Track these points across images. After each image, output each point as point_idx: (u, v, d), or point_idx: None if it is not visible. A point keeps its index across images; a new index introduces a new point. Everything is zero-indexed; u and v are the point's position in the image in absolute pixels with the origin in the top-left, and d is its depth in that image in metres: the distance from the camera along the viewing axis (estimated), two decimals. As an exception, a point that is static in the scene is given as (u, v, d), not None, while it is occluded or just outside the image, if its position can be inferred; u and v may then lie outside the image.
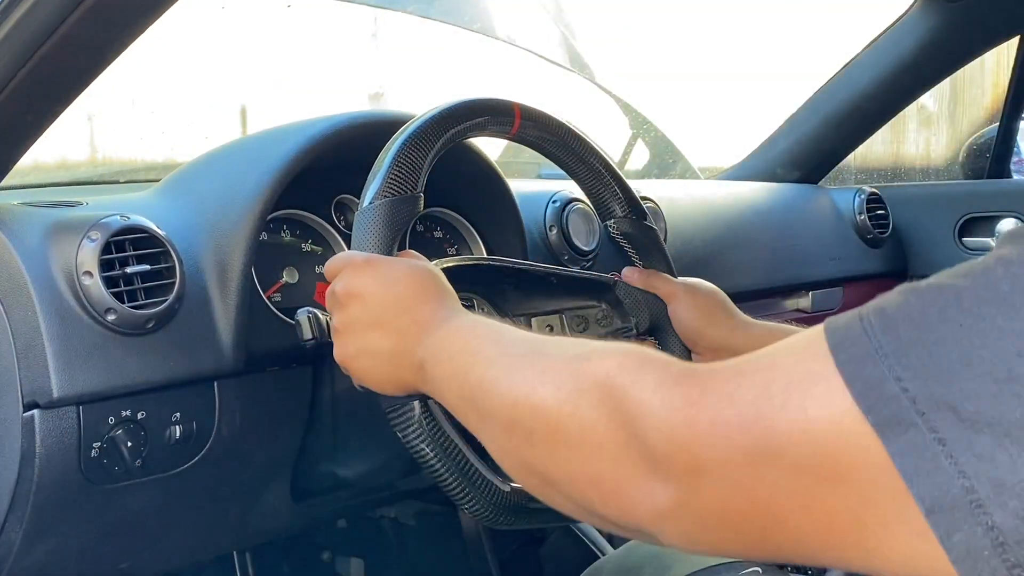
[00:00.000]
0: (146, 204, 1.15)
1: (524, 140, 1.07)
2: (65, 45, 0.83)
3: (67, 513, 1.01)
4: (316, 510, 1.29)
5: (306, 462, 1.21)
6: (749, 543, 0.49)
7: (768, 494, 0.46)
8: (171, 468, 1.05)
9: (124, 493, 1.03)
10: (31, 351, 0.96)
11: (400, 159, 0.92)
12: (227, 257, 1.08)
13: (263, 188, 1.10)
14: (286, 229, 1.23)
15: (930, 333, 0.41)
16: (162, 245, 1.02)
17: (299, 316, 0.96)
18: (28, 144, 0.98)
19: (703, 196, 1.98)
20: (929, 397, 0.40)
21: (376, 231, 0.89)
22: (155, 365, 1.01)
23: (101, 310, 0.97)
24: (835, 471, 0.43)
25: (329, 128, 1.17)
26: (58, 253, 0.98)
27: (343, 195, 1.27)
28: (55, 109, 0.94)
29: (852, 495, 0.43)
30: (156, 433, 1.02)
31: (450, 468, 0.87)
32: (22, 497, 0.98)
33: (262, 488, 1.19)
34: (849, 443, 0.42)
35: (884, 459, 0.41)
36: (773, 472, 0.45)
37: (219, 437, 1.07)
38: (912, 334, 0.42)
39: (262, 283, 1.15)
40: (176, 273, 1.02)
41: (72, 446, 0.97)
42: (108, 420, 0.98)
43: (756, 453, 0.45)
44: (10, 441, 0.97)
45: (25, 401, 0.96)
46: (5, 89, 0.87)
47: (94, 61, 0.89)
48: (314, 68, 2.49)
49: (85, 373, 0.96)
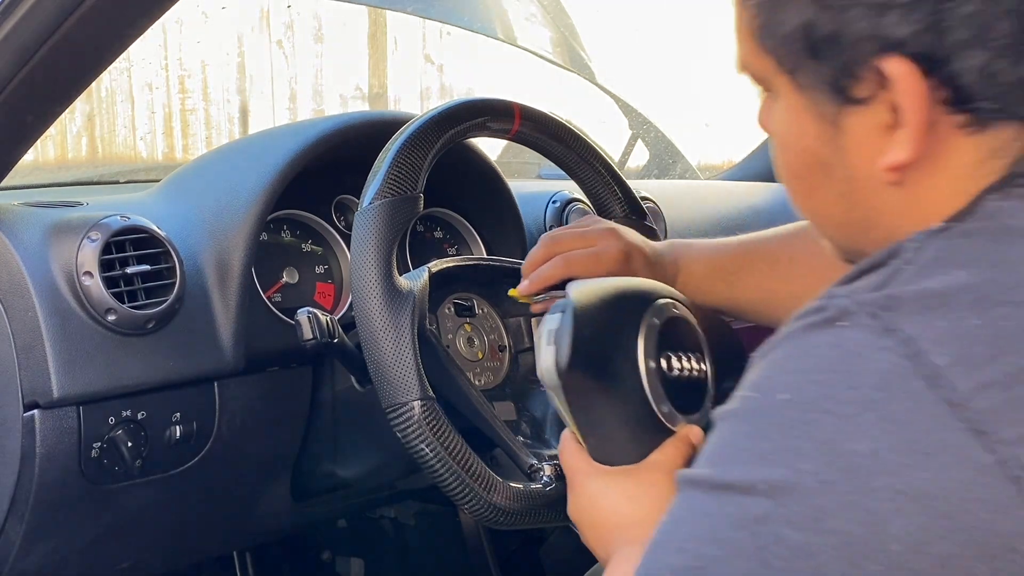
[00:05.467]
0: (146, 204, 1.15)
1: (524, 140, 1.07)
2: (65, 45, 0.83)
3: (67, 513, 1.01)
4: (316, 510, 1.29)
5: (306, 462, 1.21)
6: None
7: None
8: (171, 468, 1.05)
9: (124, 493, 1.03)
10: (31, 351, 0.96)
11: (400, 159, 0.92)
12: (227, 257, 1.08)
13: (263, 188, 1.10)
14: (286, 229, 1.23)
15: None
16: (162, 245, 1.02)
17: (299, 316, 0.96)
18: (28, 144, 0.98)
19: (703, 196, 1.98)
20: None
21: (376, 231, 0.90)
22: (155, 365, 1.01)
23: (101, 310, 0.97)
24: None
25: (329, 128, 1.17)
26: (58, 253, 0.98)
27: (343, 195, 1.27)
28: (55, 109, 0.94)
29: None
30: (156, 433, 1.02)
31: (450, 468, 0.87)
32: (22, 497, 0.98)
33: (262, 488, 1.19)
34: None
35: None
36: None
37: (219, 437, 1.07)
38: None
39: (262, 283, 1.15)
40: (176, 273, 1.02)
41: (72, 446, 0.97)
42: (108, 420, 0.98)
43: None
44: (10, 441, 0.97)
45: (25, 401, 0.96)
46: (5, 89, 0.87)
47: (94, 61, 0.89)
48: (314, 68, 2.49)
49: (85, 373, 0.96)
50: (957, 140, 0.49)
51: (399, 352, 0.88)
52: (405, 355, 0.88)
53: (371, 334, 0.89)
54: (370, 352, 0.89)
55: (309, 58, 2.45)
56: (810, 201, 0.58)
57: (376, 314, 0.89)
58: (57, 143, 1.87)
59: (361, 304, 0.90)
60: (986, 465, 0.39)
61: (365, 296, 0.89)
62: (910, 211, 0.50)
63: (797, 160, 0.57)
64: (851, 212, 0.55)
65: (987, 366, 0.40)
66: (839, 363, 0.42)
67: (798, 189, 0.59)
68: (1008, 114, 0.48)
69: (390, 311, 0.89)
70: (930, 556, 0.39)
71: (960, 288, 0.42)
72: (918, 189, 0.50)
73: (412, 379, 0.88)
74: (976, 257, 0.43)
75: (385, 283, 0.89)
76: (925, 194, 0.50)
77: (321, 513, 1.33)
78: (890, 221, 0.52)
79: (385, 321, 0.89)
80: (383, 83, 2.61)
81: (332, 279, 1.25)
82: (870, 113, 0.50)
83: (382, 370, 0.89)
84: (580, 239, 0.97)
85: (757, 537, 0.41)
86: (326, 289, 1.24)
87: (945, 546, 0.39)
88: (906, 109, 0.48)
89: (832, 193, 0.55)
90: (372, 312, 0.89)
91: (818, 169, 0.55)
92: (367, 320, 0.89)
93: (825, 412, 0.42)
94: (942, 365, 0.40)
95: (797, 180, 0.58)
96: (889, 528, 0.39)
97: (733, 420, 0.46)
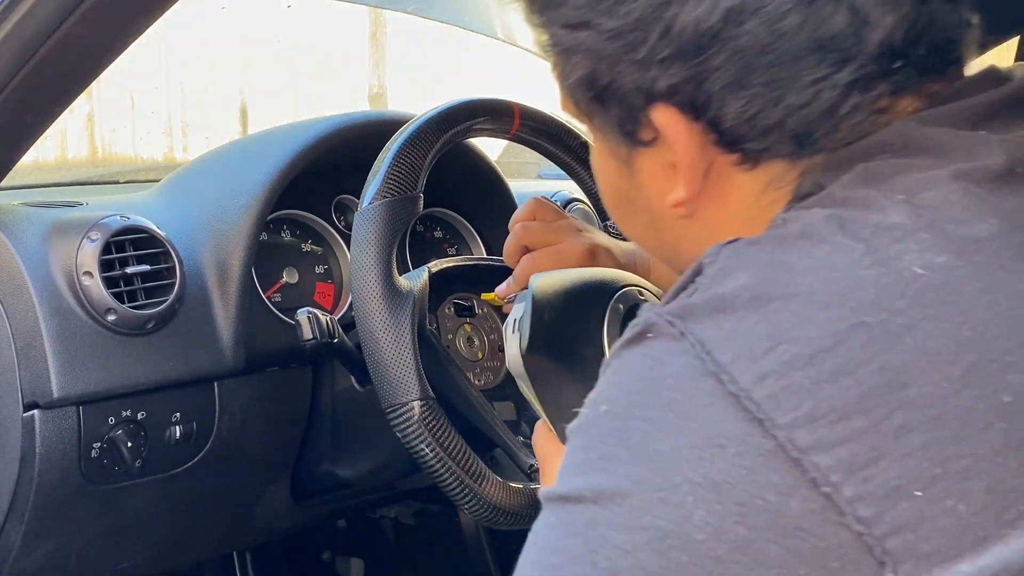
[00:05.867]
0: (146, 204, 1.15)
1: (524, 140, 1.07)
2: (65, 45, 0.83)
3: (67, 513, 1.01)
4: (316, 510, 1.29)
5: (306, 462, 1.21)
6: None
7: None
8: (171, 468, 1.05)
9: (124, 493, 1.03)
10: (31, 351, 0.96)
11: (400, 159, 0.92)
12: (227, 257, 1.08)
13: (263, 188, 1.10)
14: (286, 229, 1.23)
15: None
16: (162, 245, 1.02)
17: (299, 316, 0.96)
18: (28, 144, 0.98)
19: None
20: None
21: (376, 231, 0.90)
22: (155, 365, 1.01)
23: (101, 310, 0.97)
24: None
25: (329, 128, 1.17)
26: (58, 253, 0.98)
27: (343, 195, 1.27)
28: (55, 109, 0.94)
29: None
30: (156, 433, 1.02)
31: (449, 468, 0.87)
32: (22, 497, 0.98)
33: (262, 488, 1.19)
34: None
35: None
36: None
37: (219, 437, 1.07)
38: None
39: (262, 283, 1.15)
40: (176, 273, 1.02)
41: (72, 446, 0.97)
42: (108, 420, 0.98)
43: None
44: (10, 441, 0.97)
45: (25, 401, 0.96)
46: (5, 89, 0.87)
47: (94, 61, 0.89)
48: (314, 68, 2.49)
49: (85, 373, 0.96)
50: (735, 176, 0.54)
51: (399, 352, 0.88)
52: (405, 355, 0.88)
53: (371, 334, 0.89)
54: (370, 352, 0.90)
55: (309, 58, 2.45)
56: (628, 230, 0.64)
57: (376, 314, 0.89)
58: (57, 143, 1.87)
59: (361, 304, 0.90)
60: (769, 450, 0.42)
61: (365, 296, 0.89)
62: (706, 239, 0.53)
63: (608, 194, 0.62)
64: (659, 240, 0.61)
65: (764, 357, 0.43)
66: (646, 372, 0.46)
67: (616, 219, 0.64)
68: (773, 153, 0.52)
69: (390, 311, 0.89)
70: (728, 542, 0.42)
71: (740, 289, 0.45)
72: (708, 220, 0.56)
73: (412, 379, 0.88)
74: (756, 260, 0.46)
75: (385, 283, 0.89)
76: (715, 224, 0.56)
77: (321, 513, 1.33)
78: (692, 248, 0.56)
79: (385, 321, 0.89)
80: (383, 83, 2.61)
81: (332, 279, 1.25)
82: (656, 154, 0.55)
83: (382, 370, 0.89)
84: (546, 233, 0.99)
85: (588, 541, 0.45)
86: (326, 289, 1.24)
87: (741, 531, 0.42)
88: (676, 152, 0.53)
89: (639, 224, 0.61)
90: (372, 312, 0.89)
91: (624, 203, 0.61)
92: (367, 320, 0.89)
93: (635, 418, 0.45)
94: (725, 361, 0.43)
95: (613, 212, 0.63)
96: (692, 519, 0.42)
97: (572, 435, 0.49)
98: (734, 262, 0.47)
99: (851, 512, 0.41)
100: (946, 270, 0.44)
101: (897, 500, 0.41)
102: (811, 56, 0.48)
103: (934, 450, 0.41)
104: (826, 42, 0.48)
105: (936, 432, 0.41)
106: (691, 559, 0.42)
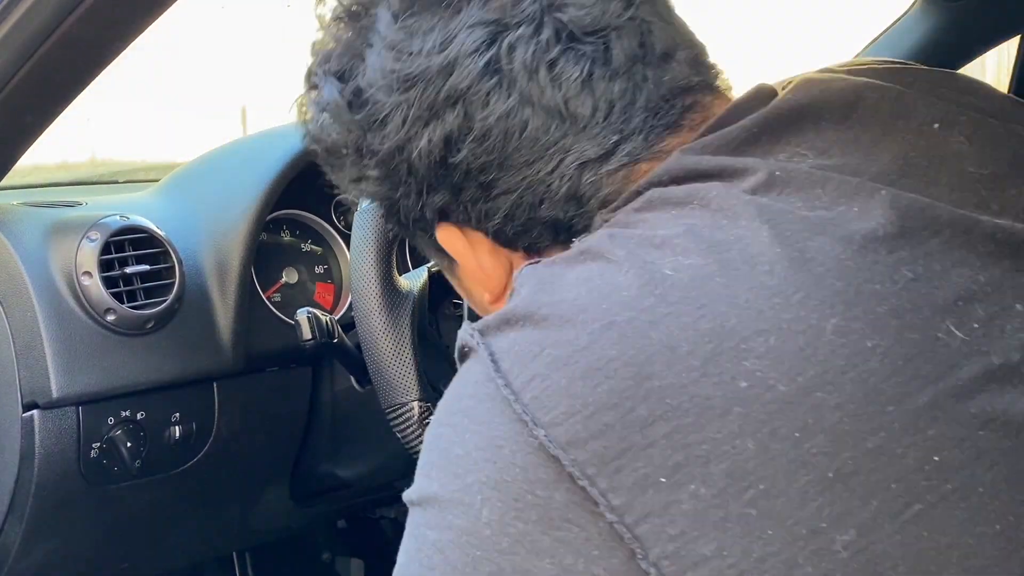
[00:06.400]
0: (146, 204, 1.15)
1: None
2: (65, 45, 0.83)
3: (67, 513, 1.00)
4: (316, 510, 1.29)
5: (306, 462, 1.21)
6: None
7: None
8: (171, 468, 1.05)
9: (124, 493, 1.03)
10: (30, 351, 0.96)
11: (400, 159, 0.92)
12: (227, 257, 1.08)
13: (263, 188, 1.10)
14: (286, 229, 1.23)
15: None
16: (162, 245, 1.02)
17: (299, 316, 0.96)
18: (28, 144, 0.98)
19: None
20: None
21: (376, 231, 0.90)
22: (155, 365, 1.01)
23: (100, 310, 0.97)
24: None
25: (329, 128, 1.17)
26: (57, 253, 0.98)
27: (343, 195, 1.27)
28: (55, 109, 0.94)
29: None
30: (156, 433, 1.02)
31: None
32: (22, 497, 0.98)
33: (262, 488, 1.19)
34: None
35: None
36: None
37: (219, 437, 1.07)
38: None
39: (262, 283, 1.15)
40: (176, 273, 1.02)
41: (71, 446, 0.97)
42: (108, 420, 0.98)
43: None
44: (10, 441, 0.97)
45: (24, 401, 0.96)
46: (5, 89, 0.87)
47: (94, 61, 0.89)
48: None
49: (84, 373, 0.96)
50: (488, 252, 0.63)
51: (399, 352, 0.88)
52: (405, 355, 0.88)
53: (371, 334, 0.89)
54: (370, 352, 0.89)
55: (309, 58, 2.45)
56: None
57: (376, 314, 0.89)
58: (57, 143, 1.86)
59: (361, 304, 0.90)
60: (534, 448, 0.45)
61: (365, 296, 0.89)
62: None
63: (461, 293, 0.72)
64: (472, 296, 0.69)
65: (532, 362, 0.46)
66: (458, 382, 0.50)
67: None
68: (548, 241, 0.59)
69: (390, 311, 0.89)
70: (509, 536, 0.45)
71: (522, 302, 0.49)
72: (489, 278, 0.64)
73: (412, 379, 0.88)
74: (539, 276, 0.51)
75: (385, 283, 0.89)
76: (492, 277, 0.64)
77: (321, 513, 1.33)
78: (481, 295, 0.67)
79: (385, 321, 0.89)
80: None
81: (332, 279, 1.25)
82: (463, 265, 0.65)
83: (382, 370, 0.89)
84: None
85: (417, 540, 0.49)
86: (326, 289, 1.24)
87: (519, 525, 0.45)
88: (462, 263, 0.64)
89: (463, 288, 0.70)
90: (372, 312, 0.89)
91: (472, 302, 0.70)
92: (367, 320, 0.89)
93: (445, 425, 0.49)
94: (504, 368, 0.47)
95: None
96: (481, 516, 0.46)
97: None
98: (523, 279, 0.52)
99: (605, 503, 0.43)
100: (692, 269, 0.47)
101: (645, 488, 0.43)
102: (531, 160, 0.56)
103: (676, 438, 0.43)
104: (536, 146, 0.55)
105: (678, 421, 0.43)
106: (483, 553, 0.46)
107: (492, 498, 0.46)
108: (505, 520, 0.45)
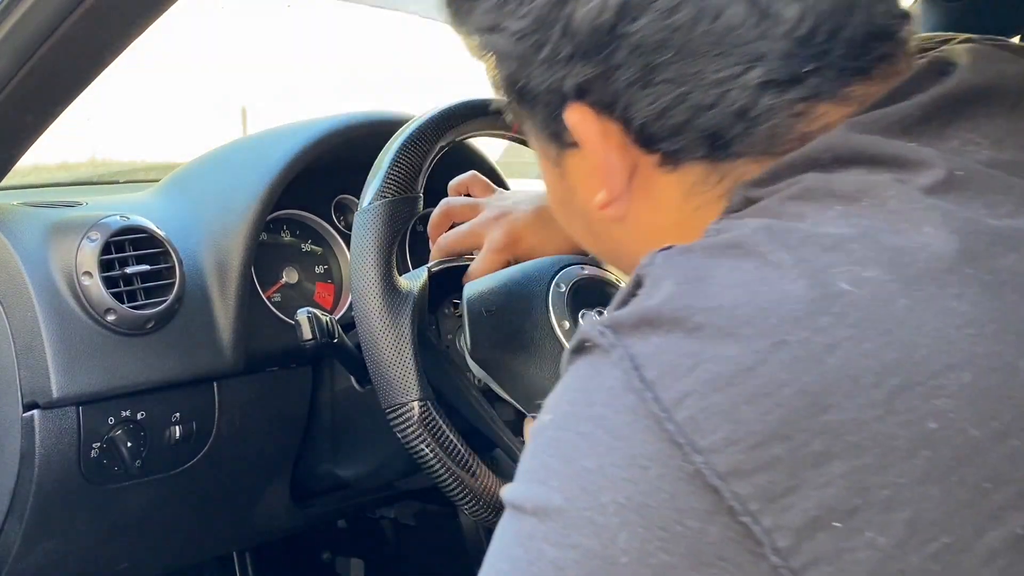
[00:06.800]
0: (146, 204, 1.15)
1: (525, 140, 1.07)
2: (65, 45, 0.83)
3: (67, 513, 1.01)
4: (316, 510, 1.29)
5: (306, 462, 1.21)
6: None
7: None
8: (171, 468, 1.05)
9: (124, 493, 1.03)
10: (31, 351, 0.96)
11: (399, 160, 0.92)
12: (227, 257, 1.08)
13: (263, 188, 1.10)
14: (286, 229, 1.23)
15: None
16: (162, 245, 1.02)
17: (299, 316, 0.96)
18: (28, 144, 0.98)
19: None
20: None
21: (375, 231, 0.90)
22: (155, 365, 1.01)
23: (101, 310, 0.97)
24: None
25: (329, 128, 1.17)
26: (58, 253, 0.98)
27: (343, 195, 1.27)
28: (55, 109, 0.94)
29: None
30: (156, 433, 1.02)
31: (449, 469, 0.87)
32: (22, 497, 0.98)
33: (262, 488, 1.19)
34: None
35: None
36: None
37: (219, 437, 1.07)
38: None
39: (262, 283, 1.15)
40: (176, 273, 1.02)
41: (72, 446, 0.97)
42: (108, 420, 0.98)
43: None
44: (10, 441, 0.97)
45: (25, 401, 0.96)
46: (5, 89, 0.87)
47: (94, 61, 0.89)
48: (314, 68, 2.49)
49: (85, 373, 0.96)
50: (658, 178, 0.53)
51: (399, 352, 0.88)
52: (405, 355, 0.88)
53: (371, 334, 0.89)
54: (370, 352, 0.89)
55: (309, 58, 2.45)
56: (571, 234, 0.63)
57: (376, 314, 0.89)
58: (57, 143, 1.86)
59: (361, 304, 0.90)
60: (689, 475, 0.40)
61: (365, 296, 0.89)
62: (640, 243, 0.53)
63: (549, 198, 0.61)
64: (599, 244, 0.61)
65: (686, 376, 0.41)
66: (583, 383, 0.45)
67: (561, 223, 0.63)
68: (690, 154, 0.51)
69: (390, 311, 0.89)
70: (650, 567, 0.41)
71: (666, 300, 0.44)
72: (639, 224, 0.55)
73: (411, 379, 0.88)
74: (684, 270, 0.45)
75: (385, 283, 0.89)
76: (646, 228, 0.55)
77: (321, 513, 1.33)
78: (629, 252, 0.56)
79: (385, 321, 0.89)
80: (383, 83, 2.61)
81: (332, 279, 1.25)
82: (582, 156, 0.54)
83: (382, 370, 0.89)
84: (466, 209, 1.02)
85: (528, 553, 0.44)
86: (326, 289, 1.24)
87: (664, 557, 0.40)
88: (588, 152, 0.52)
89: (578, 228, 0.60)
90: (372, 312, 0.89)
91: (562, 206, 0.60)
92: (367, 320, 0.89)
93: (568, 430, 0.44)
94: (650, 378, 0.42)
95: (557, 215, 0.62)
96: (617, 542, 0.41)
97: (530, 437, 0.48)
98: (662, 271, 0.46)
99: (769, 543, 0.39)
100: (873, 285, 0.42)
101: (815, 531, 0.39)
102: (714, 54, 0.47)
103: (854, 479, 0.39)
104: (726, 38, 0.47)
105: (857, 460, 0.39)
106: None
107: (633, 523, 0.41)
108: (647, 549, 0.41)
